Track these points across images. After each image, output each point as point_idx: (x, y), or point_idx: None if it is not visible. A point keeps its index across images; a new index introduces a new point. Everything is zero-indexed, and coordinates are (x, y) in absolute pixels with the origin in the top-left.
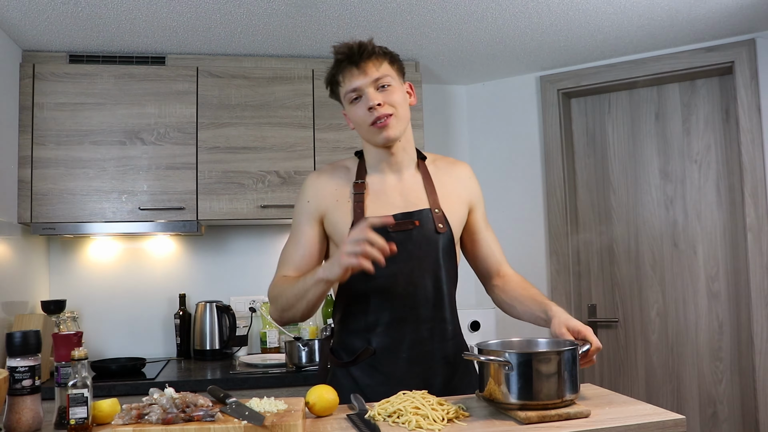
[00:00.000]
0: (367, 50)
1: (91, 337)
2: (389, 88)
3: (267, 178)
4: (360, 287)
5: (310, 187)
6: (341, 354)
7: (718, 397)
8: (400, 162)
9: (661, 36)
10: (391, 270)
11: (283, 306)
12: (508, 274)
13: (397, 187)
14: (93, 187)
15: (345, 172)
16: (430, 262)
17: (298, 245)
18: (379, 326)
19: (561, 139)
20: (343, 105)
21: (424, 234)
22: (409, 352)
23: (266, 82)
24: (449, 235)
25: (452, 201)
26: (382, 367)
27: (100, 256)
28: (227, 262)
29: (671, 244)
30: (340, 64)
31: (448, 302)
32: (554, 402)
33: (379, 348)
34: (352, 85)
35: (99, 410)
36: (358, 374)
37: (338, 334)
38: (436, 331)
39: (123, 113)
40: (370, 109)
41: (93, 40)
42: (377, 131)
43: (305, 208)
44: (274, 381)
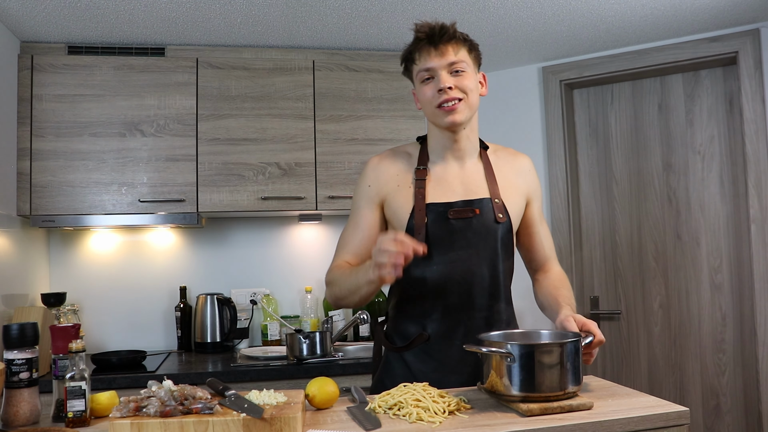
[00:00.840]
0: (447, 33)
1: (92, 329)
2: (463, 74)
3: (267, 169)
4: (417, 273)
5: (372, 171)
6: (395, 339)
7: (721, 389)
8: (463, 150)
9: (664, 26)
10: (450, 257)
11: (337, 294)
12: (551, 270)
13: (458, 175)
14: (92, 180)
15: (407, 158)
16: (489, 251)
17: (357, 229)
18: (435, 312)
19: (563, 131)
20: (414, 83)
21: (484, 223)
22: (464, 339)
23: (266, 73)
24: (508, 226)
25: (512, 192)
26: (436, 354)
27: (100, 249)
28: (228, 255)
29: (674, 235)
30: (419, 43)
31: (504, 292)
32: (557, 394)
33: (434, 334)
34: (427, 65)
35: (97, 403)
36: (412, 359)
37: (393, 319)
38: (491, 321)
39: (122, 105)
40: (440, 91)
41: (92, 31)
42: (443, 114)
43: (365, 192)
44: (275, 373)
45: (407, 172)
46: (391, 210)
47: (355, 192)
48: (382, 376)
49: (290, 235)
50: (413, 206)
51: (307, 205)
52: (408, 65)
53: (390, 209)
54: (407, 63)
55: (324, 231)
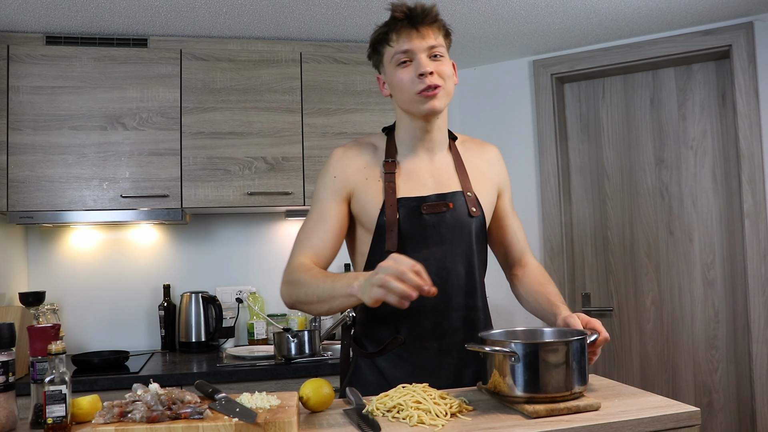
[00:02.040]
0: (430, 15)
1: (72, 330)
2: (441, 59)
3: (254, 164)
4: None
5: (337, 162)
6: (365, 344)
7: (714, 386)
8: (434, 141)
9: (657, 19)
10: (423, 255)
11: (301, 299)
12: (529, 264)
13: (429, 168)
14: (72, 174)
15: (373, 150)
16: (463, 247)
17: (321, 221)
18: (409, 314)
19: (554, 125)
20: (380, 68)
21: (457, 217)
22: (440, 341)
23: (252, 66)
24: (482, 219)
25: (483, 184)
26: (412, 358)
27: (80, 246)
28: (213, 252)
29: (666, 231)
30: (397, 23)
31: (479, 289)
32: (563, 395)
33: (409, 337)
34: (405, 47)
35: (78, 408)
36: (385, 365)
37: (362, 322)
38: (468, 320)
39: (103, 97)
40: (421, 75)
41: (71, 21)
42: (423, 100)
43: (331, 183)
44: (262, 373)
45: (375, 164)
46: (360, 205)
47: (318, 184)
48: (352, 383)
49: (277, 231)
50: (383, 201)
51: (295, 200)
52: (379, 47)
53: (358, 204)
54: (378, 45)
55: None
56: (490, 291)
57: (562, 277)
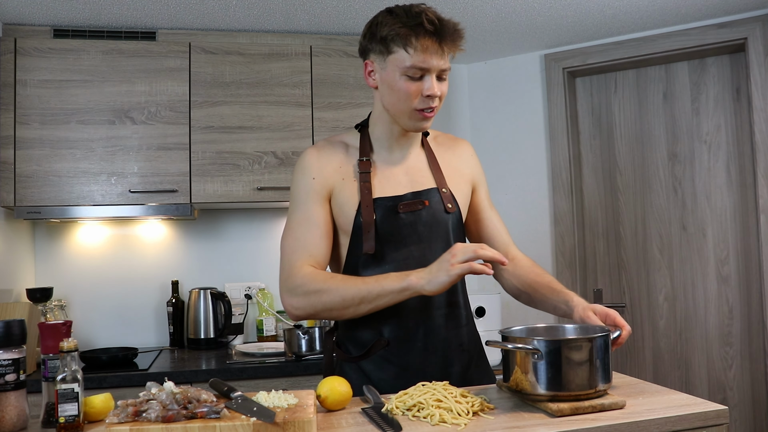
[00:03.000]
0: (457, 34)
1: (80, 326)
2: (444, 82)
3: (263, 159)
4: (368, 274)
5: (314, 164)
6: (349, 347)
7: (728, 383)
8: (410, 141)
9: (672, 11)
10: (402, 254)
11: (328, 305)
12: (517, 257)
13: (403, 166)
14: (80, 169)
15: (344, 149)
16: (441, 244)
17: (311, 226)
18: (391, 316)
19: (566, 120)
20: (381, 59)
21: (434, 215)
22: (425, 340)
23: (262, 59)
24: (458, 215)
25: (457, 180)
26: (397, 359)
27: (88, 242)
28: (222, 247)
29: (680, 226)
30: (425, 33)
31: (460, 286)
32: (587, 393)
33: (393, 338)
34: (424, 64)
35: (91, 407)
36: (370, 368)
37: (344, 325)
38: (450, 317)
39: (111, 91)
40: (428, 96)
41: (79, 14)
42: (419, 119)
43: (311, 185)
44: (273, 370)
45: (348, 163)
46: (338, 205)
47: (294, 188)
48: None
49: None
50: (359, 202)
51: None
52: (390, 44)
53: (336, 204)
54: (391, 42)
55: None
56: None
57: (574, 273)
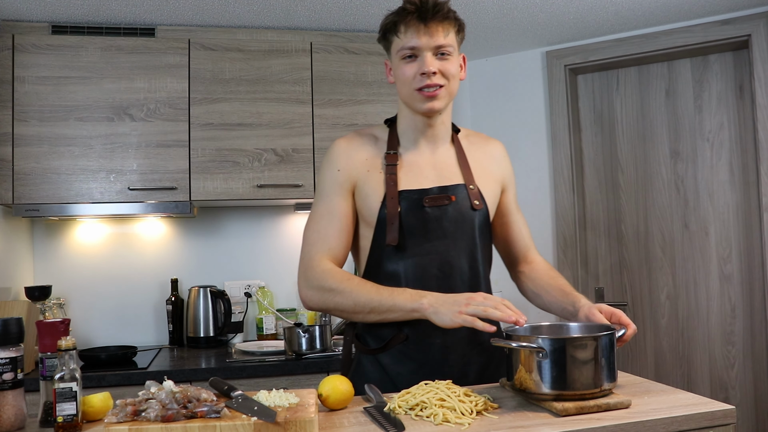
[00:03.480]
0: (441, 11)
1: (79, 324)
2: (448, 58)
3: (263, 156)
4: (391, 267)
5: (341, 155)
6: (368, 340)
7: (730, 382)
8: (436, 134)
9: (675, 8)
10: (425, 249)
11: (339, 306)
12: (535, 260)
13: (430, 161)
14: (79, 166)
15: (374, 141)
16: (466, 241)
17: (333, 219)
18: None
19: (568, 117)
20: (389, 54)
21: (460, 211)
22: (444, 337)
23: (262, 56)
24: (485, 213)
25: (486, 178)
26: (415, 354)
27: (87, 239)
28: (221, 245)
29: (682, 225)
30: (406, 15)
31: (484, 284)
32: (592, 392)
33: (412, 333)
34: (412, 43)
35: (89, 406)
36: (388, 362)
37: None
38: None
39: (110, 88)
40: (423, 74)
41: (77, 10)
42: (422, 99)
43: (336, 177)
44: (272, 369)
45: (376, 156)
46: (361, 197)
47: (321, 178)
48: (354, 381)
49: (286, 224)
50: (384, 194)
51: (305, 193)
52: (388, 36)
53: (360, 196)
54: (387, 33)
55: None
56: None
57: (575, 271)
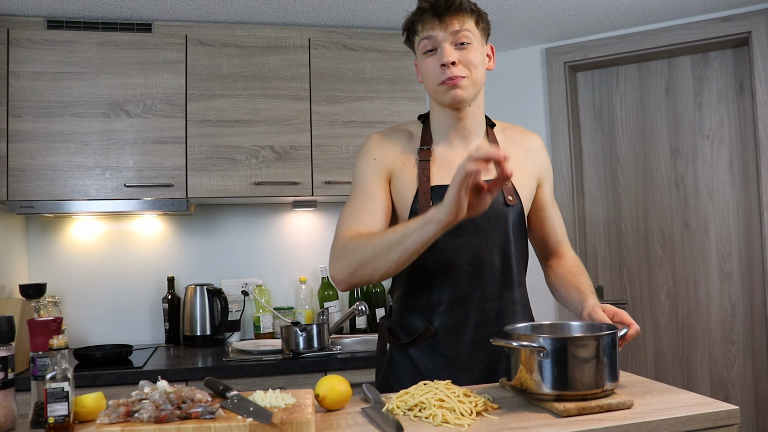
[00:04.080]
0: (454, 4)
1: (74, 323)
2: (468, 47)
3: (261, 153)
4: (422, 262)
5: (376, 146)
6: (399, 334)
7: (730, 381)
8: (468, 129)
9: (675, 4)
10: (456, 244)
11: (362, 259)
12: (565, 255)
13: (463, 156)
14: (74, 163)
15: (408, 137)
16: (499, 237)
17: (366, 199)
18: (442, 304)
19: (567, 115)
20: (416, 54)
21: (493, 206)
22: (474, 333)
23: (260, 52)
24: (519, 209)
25: (522, 173)
26: (444, 350)
27: (82, 237)
28: (218, 243)
29: (682, 223)
30: (422, 13)
31: (517, 281)
32: (593, 392)
33: (442, 328)
34: (429, 34)
35: (81, 406)
36: (418, 356)
37: (397, 312)
38: (505, 312)
39: (106, 83)
40: (443, 65)
41: (73, 4)
42: (445, 90)
43: (371, 165)
44: (270, 368)
45: (410, 152)
46: (396, 190)
47: (357, 168)
48: (387, 375)
49: (284, 222)
50: (417, 189)
51: (303, 190)
52: (410, 36)
53: (395, 188)
54: (409, 33)
55: (319, 218)
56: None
57: None
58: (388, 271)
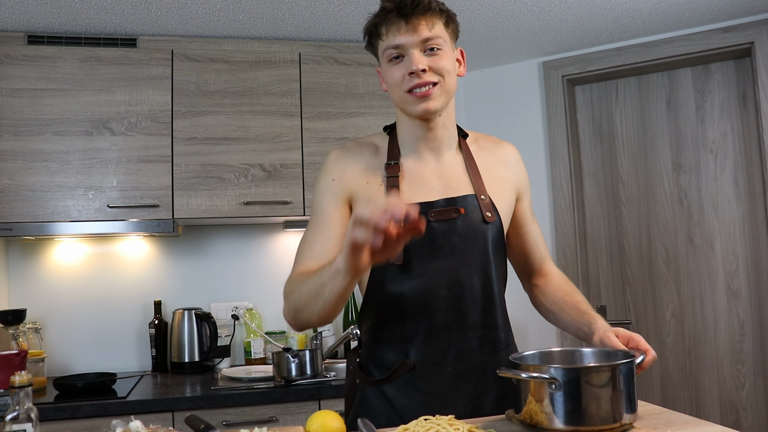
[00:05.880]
0: (422, 4)
1: (55, 351)
2: (439, 53)
3: (250, 171)
4: (394, 289)
5: (335, 164)
6: (372, 370)
7: (741, 403)
8: (439, 140)
9: (675, 16)
10: (432, 267)
11: (296, 305)
12: (550, 272)
13: (435, 170)
14: (56, 183)
15: (374, 150)
16: (478, 257)
17: (322, 229)
18: (419, 335)
19: (566, 130)
20: (379, 60)
21: (470, 224)
22: (455, 365)
23: (248, 67)
24: (498, 226)
25: (499, 187)
26: (423, 384)
27: (64, 260)
28: (207, 266)
29: (686, 239)
30: (386, 14)
31: (499, 304)
32: (611, 426)
33: (419, 361)
34: (396, 41)
35: None
36: (393, 393)
37: (367, 345)
38: (487, 340)
39: (89, 100)
40: (412, 74)
41: (55, 19)
42: (414, 101)
43: (329, 187)
44: (261, 397)
45: (376, 168)
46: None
47: (315, 189)
48: (358, 413)
49: (275, 243)
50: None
51: (294, 210)
52: (372, 40)
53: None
54: (371, 37)
55: None
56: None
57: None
58: (321, 316)
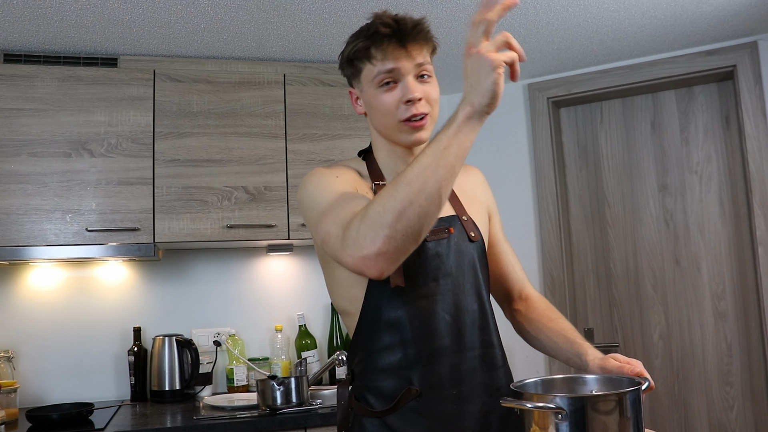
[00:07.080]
0: (422, 31)
1: (29, 380)
2: (429, 81)
3: (233, 194)
4: (392, 314)
5: (331, 168)
6: (371, 400)
7: (730, 425)
8: None
9: (660, 38)
10: (431, 289)
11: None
12: (531, 297)
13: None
14: (31, 206)
15: (356, 173)
16: (471, 277)
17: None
18: (421, 359)
19: (552, 151)
20: (356, 82)
21: (458, 244)
22: (460, 387)
23: (232, 88)
24: (482, 245)
25: (475, 207)
26: (428, 410)
27: (40, 285)
28: (188, 290)
29: (673, 261)
30: (382, 39)
31: (493, 323)
32: None
33: (424, 387)
34: (392, 65)
35: None
36: (398, 422)
37: (363, 376)
38: (485, 359)
39: (68, 121)
40: (408, 102)
41: (33, 37)
42: (409, 130)
43: (338, 180)
44: (245, 426)
45: (364, 187)
46: None
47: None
48: None
49: (258, 267)
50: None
51: (278, 233)
52: (357, 63)
53: None
54: (356, 60)
55: (296, 263)
56: None
57: (563, 311)
58: (432, 207)
